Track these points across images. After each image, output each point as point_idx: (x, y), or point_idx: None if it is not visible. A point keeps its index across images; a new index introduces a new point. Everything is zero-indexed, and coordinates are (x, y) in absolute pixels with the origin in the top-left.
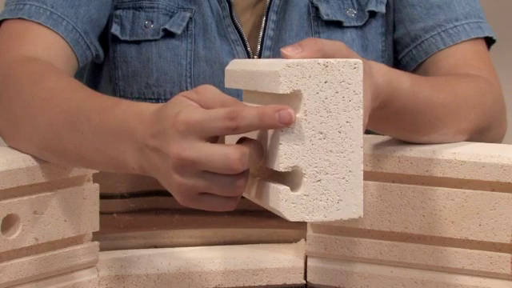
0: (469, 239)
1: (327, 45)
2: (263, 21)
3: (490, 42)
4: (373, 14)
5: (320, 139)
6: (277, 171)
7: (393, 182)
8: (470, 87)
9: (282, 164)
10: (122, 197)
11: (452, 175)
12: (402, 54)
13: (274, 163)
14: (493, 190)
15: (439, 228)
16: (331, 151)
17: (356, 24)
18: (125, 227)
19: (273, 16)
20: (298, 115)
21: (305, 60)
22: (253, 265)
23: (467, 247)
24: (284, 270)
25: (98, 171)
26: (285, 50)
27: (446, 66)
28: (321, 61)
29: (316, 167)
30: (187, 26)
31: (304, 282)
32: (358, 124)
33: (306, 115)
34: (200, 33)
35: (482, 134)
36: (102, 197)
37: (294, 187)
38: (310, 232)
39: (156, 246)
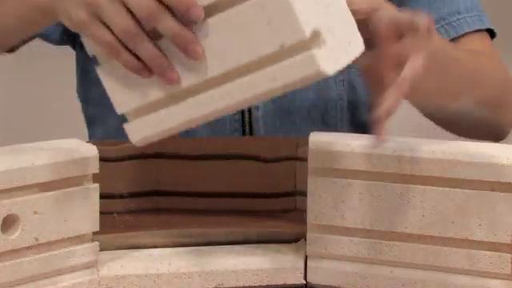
0: (469, 239)
1: None
2: None
3: (491, 36)
4: None
5: None
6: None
7: (393, 182)
8: (485, 59)
9: (306, 31)
10: (121, 197)
11: (452, 175)
12: None
13: (293, 35)
14: (493, 190)
15: (439, 228)
16: (327, 5)
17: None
18: (125, 227)
19: None
20: None
21: None
22: (253, 265)
23: (467, 247)
24: (284, 270)
25: (97, 171)
26: None
27: None
28: None
29: (325, 23)
30: None
31: (304, 282)
32: None
33: None
34: None
35: (496, 108)
36: (102, 197)
37: (319, 47)
38: (310, 232)
39: (156, 246)
